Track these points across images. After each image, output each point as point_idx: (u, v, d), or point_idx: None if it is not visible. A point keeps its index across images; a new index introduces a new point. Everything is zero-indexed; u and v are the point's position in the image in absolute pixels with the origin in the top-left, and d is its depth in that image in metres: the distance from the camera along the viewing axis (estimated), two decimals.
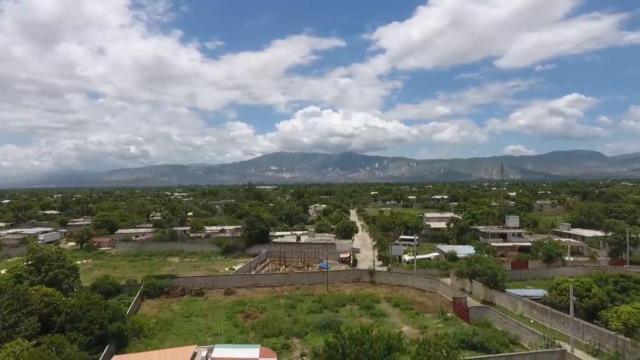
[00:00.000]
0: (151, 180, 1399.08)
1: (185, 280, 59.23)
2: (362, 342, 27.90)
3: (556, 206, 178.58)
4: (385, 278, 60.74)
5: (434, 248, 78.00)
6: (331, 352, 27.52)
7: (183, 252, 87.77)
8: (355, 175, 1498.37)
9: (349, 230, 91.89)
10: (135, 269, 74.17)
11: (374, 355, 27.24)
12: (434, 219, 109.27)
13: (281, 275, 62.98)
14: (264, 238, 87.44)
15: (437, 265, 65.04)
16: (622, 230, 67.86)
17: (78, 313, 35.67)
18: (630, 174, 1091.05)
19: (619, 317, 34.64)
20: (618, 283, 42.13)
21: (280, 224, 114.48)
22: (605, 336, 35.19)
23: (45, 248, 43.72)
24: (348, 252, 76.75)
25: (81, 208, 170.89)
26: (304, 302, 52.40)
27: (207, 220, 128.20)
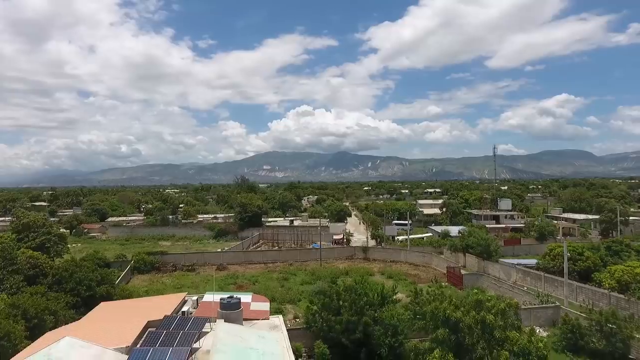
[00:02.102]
0: (143, 179, 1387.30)
1: (176, 257, 58.46)
2: (357, 290, 27.57)
3: (547, 197, 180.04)
4: (378, 254, 60.49)
5: (428, 228, 77.98)
6: (326, 300, 27.12)
7: (174, 236, 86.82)
8: (348, 174, 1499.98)
9: (342, 214, 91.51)
10: (126, 250, 73.14)
11: (369, 302, 26.90)
12: (426, 205, 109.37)
13: (274, 252, 62.47)
14: (257, 222, 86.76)
15: (431, 243, 64.95)
16: (612, 209, 68.33)
17: (64, 275, 34.81)
18: (618, 173, 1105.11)
19: (613, 275, 34.69)
20: (610, 248, 42.29)
21: (273, 212, 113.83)
22: (599, 295, 35.23)
23: (31, 215, 42.67)
24: (341, 233, 76.37)
25: (71, 200, 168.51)
26: (297, 275, 52.03)
27: (199, 209, 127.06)
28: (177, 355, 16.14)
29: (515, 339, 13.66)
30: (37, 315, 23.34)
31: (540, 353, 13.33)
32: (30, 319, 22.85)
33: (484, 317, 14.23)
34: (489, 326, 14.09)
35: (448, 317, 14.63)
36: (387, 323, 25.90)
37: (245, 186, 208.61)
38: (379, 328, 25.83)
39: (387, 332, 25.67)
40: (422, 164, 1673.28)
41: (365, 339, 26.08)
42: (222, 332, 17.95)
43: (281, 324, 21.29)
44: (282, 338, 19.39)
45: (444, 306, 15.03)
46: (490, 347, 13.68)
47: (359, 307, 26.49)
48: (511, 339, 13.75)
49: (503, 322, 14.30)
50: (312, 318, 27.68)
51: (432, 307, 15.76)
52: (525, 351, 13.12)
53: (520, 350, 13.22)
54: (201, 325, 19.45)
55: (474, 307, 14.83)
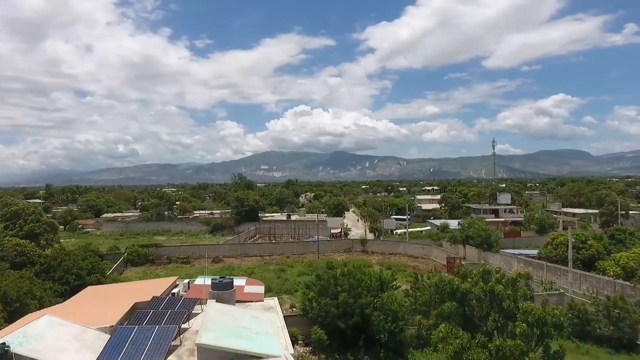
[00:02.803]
0: (140, 179, 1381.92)
1: (171, 249, 57.31)
2: (354, 275, 26.60)
3: (546, 194, 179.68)
4: (377, 247, 59.53)
5: (427, 222, 77.07)
6: (323, 284, 26.12)
7: (170, 231, 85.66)
8: (346, 174, 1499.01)
9: (340, 208, 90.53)
10: (120, 244, 71.89)
11: (368, 287, 25.92)
12: (425, 201, 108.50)
13: (271, 245, 61.44)
14: (254, 216, 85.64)
15: (430, 236, 64.01)
16: (613, 202, 67.58)
17: (53, 263, 33.70)
18: (615, 173, 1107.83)
19: (618, 262, 33.81)
20: (614, 236, 41.43)
21: (270, 208, 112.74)
22: (603, 283, 34.35)
23: (20, 203, 41.45)
24: (339, 227, 75.40)
25: (66, 197, 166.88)
26: (294, 267, 51.00)
27: (195, 205, 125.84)
28: (164, 333, 15.09)
29: (530, 309, 12.71)
30: (19, 299, 22.20)
31: (558, 321, 12.40)
32: (11, 303, 21.73)
33: (492, 287, 13.25)
34: (499, 297, 13.12)
35: (455, 289, 13.65)
36: (387, 308, 24.95)
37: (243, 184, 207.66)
38: (379, 313, 24.87)
39: (387, 317, 24.71)
40: (420, 164, 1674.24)
41: (364, 324, 25.12)
42: (212, 311, 16.90)
43: (276, 306, 20.26)
44: (277, 319, 18.36)
45: (449, 278, 14.04)
46: (502, 319, 12.73)
47: (356, 292, 25.52)
48: (525, 309, 12.78)
49: (514, 292, 13.36)
50: (308, 304, 26.68)
51: (437, 279, 14.77)
52: (541, 321, 12.18)
53: (536, 321, 12.26)
54: (191, 306, 18.42)
55: (483, 277, 13.87)
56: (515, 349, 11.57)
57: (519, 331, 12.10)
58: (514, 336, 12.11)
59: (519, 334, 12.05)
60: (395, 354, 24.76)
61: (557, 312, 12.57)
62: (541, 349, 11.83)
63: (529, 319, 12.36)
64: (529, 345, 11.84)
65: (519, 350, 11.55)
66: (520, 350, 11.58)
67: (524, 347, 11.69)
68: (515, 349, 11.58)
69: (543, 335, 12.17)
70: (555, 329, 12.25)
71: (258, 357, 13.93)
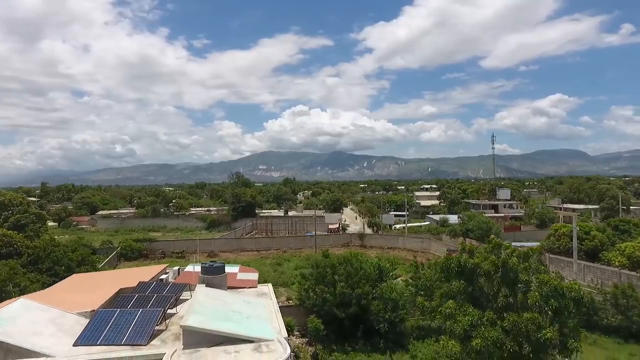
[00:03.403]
0: (138, 179, 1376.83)
1: (165, 244, 56.26)
2: (352, 263, 25.62)
3: (544, 192, 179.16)
4: (375, 241, 58.58)
5: (426, 217, 76.16)
6: (319, 272, 25.11)
7: (166, 227, 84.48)
8: (344, 174, 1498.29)
9: (338, 204, 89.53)
10: (114, 239, 70.69)
11: (366, 276, 24.94)
12: (423, 197, 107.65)
13: (267, 239, 60.41)
14: (250, 212, 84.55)
15: (429, 230, 63.11)
16: (614, 196, 66.82)
17: (41, 254, 32.54)
18: (612, 172, 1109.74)
19: (623, 252, 32.92)
20: (618, 227, 40.55)
21: (267, 205, 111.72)
22: (608, 273, 33.44)
23: (7, 194, 40.30)
24: (337, 223, 74.44)
25: (62, 195, 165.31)
26: (291, 261, 50.00)
27: (192, 202, 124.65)
28: (148, 316, 14.05)
29: (546, 280, 11.73)
30: None
31: (577, 295, 11.42)
32: None
33: (506, 260, 12.26)
34: (512, 269, 12.13)
35: (463, 266, 12.66)
36: (387, 297, 23.99)
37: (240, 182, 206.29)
38: (378, 303, 23.91)
39: (386, 306, 23.75)
40: (418, 164, 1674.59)
41: (363, 314, 24.14)
42: (201, 295, 15.86)
43: (270, 292, 19.23)
44: (271, 304, 17.33)
45: (456, 255, 13.07)
46: (514, 293, 11.75)
47: (354, 280, 24.54)
48: (540, 280, 11.81)
49: (528, 266, 12.40)
50: (305, 294, 25.66)
51: (443, 258, 13.76)
52: (558, 292, 11.21)
53: (552, 292, 11.28)
54: (179, 291, 17.37)
55: (493, 251, 12.90)
56: (532, 323, 10.58)
57: (532, 301, 11.09)
58: (527, 309, 11.12)
59: (532, 304, 11.05)
60: (396, 344, 23.79)
61: (575, 287, 11.60)
62: (557, 326, 10.84)
63: (545, 289, 11.38)
64: (544, 319, 10.85)
65: (536, 323, 10.57)
66: (538, 324, 10.60)
67: (541, 320, 10.71)
68: (531, 322, 10.59)
69: (560, 309, 11.19)
70: (574, 305, 11.29)
71: (249, 341, 12.92)
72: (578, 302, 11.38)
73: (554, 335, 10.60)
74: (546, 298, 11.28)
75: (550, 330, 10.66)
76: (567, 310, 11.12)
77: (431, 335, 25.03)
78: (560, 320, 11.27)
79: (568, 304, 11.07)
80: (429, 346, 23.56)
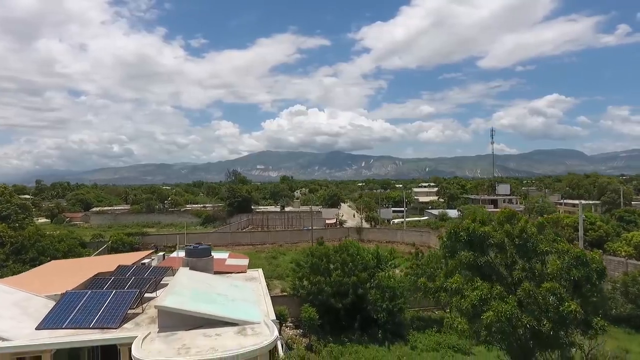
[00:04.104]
0: (135, 179, 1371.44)
1: (158, 238, 54.85)
2: (348, 250, 24.35)
3: (543, 189, 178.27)
4: (373, 235, 57.31)
5: (425, 212, 74.99)
6: (314, 261, 23.81)
7: (160, 223, 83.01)
8: (342, 173, 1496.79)
9: (336, 199, 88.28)
10: (106, 234, 69.24)
11: (363, 263, 23.67)
12: (422, 193, 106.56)
13: (263, 234, 59.11)
14: (246, 207, 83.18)
15: (428, 225, 61.91)
16: (616, 189, 65.77)
17: (25, 243, 31.19)
18: (609, 172, 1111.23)
19: (630, 242, 31.77)
20: (623, 217, 39.43)
21: (264, 202, 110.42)
22: (615, 263, 32.24)
23: None
24: (334, 218, 73.17)
25: (57, 193, 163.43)
26: (286, 255, 48.72)
27: (188, 199, 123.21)
28: (122, 298, 12.73)
29: (567, 248, 10.52)
30: None
31: (599, 266, 10.23)
32: None
33: (523, 228, 11.00)
34: (530, 239, 10.87)
35: (472, 234, 11.39)
36: (385, 285, 22.72)
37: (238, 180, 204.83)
38: (375, 291, 22.64)
39: (384, 295, 22.47)
40: (416, 164, 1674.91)
41: (360, 303, 22.86)
42: (183, 277, 14.56)
43: (260, 277, 17.96)
44: (260, 288, 16.05)
45: (466, 223, 11.80)
46: (531, 267, 10.50)
47: (350, 268, 23.24)
48: (559, 249, 10.58)
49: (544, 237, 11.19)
50: (299, 283, 24.35)
51: (452, 225, 12.49)
52: (581, 261, 9.99)
53: (573, 259, 10.05)
54: (161, 274, 16.08)
55: (508, 221, 11.66)
56: (552, 293, 9.33)
57: (552, 269, 9.83)
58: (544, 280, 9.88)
59: (552, 272, 9.81)
60: (394, 335, 22.52)
61: (596, 257, 10.39)
62: (579, 301, 9.61)
63: (566, 259, 10.14)
64: (565, 292, 9.61)
65: (557, 294, 9.32)
66: (559, 295, 9.35)
67: (562, 291, 9.47)
68: (551, 292, 9.33)
69: (582, 282, 9.98)
70: (597, 277, 10.08)
71: (232, 324, 11.63)
72: (601, 274, 10.19)
73: (577, 308, 9.39)
74: (567, 268, 10.05)
75: (573, 302, 9.43)
76: (590, 283, 9.95)
77: (432, 326, 23.82)
78: (582, 294, 10.07)
79: (591, 275, 9.88)
80: (429, 337, 22.30)
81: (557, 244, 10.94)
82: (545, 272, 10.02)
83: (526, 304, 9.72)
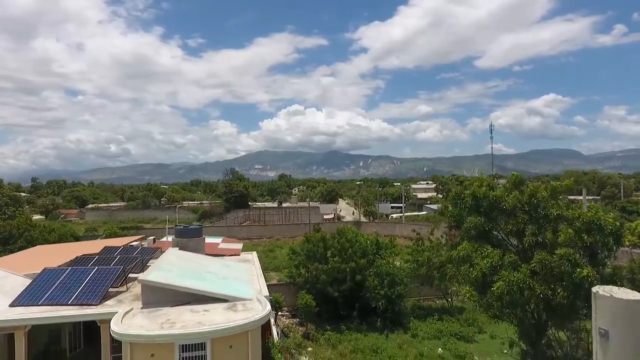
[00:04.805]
0: (133, 178, 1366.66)
1: (153, 232, 53.79)
2: (346, 236, 23.57)
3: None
4: (371, 229, 56.41)
5: (424, 207, 74.32)
6: (311, 247, 23.01)
7: (156, 219, 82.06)
8: (340, 173, 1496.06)
9: (333, 195, 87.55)
10: (100, 229, 68.32)
11: (362, 249, 22.90)
12: (420, 190, 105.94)
13: (260, 227, 58.34)
14: (243, 202, 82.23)
15: (427, 219, 61.22)
16: (616, 184, 65.24)
17: (14, 233, 30.33)
18: (606, 171, 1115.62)
19: (634, 231, 31.09)
20: (625, 208, 38.78)
21: (261, 198, 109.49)
22: (618, 253, 31.61)
23: None
24: (332, 212, 72.43)
25: (52, 191, 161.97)
26: (283, 248, 47.97)
27: (185, 195, 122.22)
28: (104, 274, 11.91)
29: (579, 214, 9.80)
30: None
31: (614, 228, 9.51)
32: None
33: (535, 191, 10.26)
34: (541, 204, 10.15)
35: (480, 198, 10.64)
36: (384, 272, 21.95)
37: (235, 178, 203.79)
38: (373, 278, 21.87)
39: (383, 281, 21.70)
40: (414, 163, 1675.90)
41: (358, 291, 22.07)
42: (171, 256, 13.74)
43: (254, 259, 17.17)
44: (253, 269, 15.25)
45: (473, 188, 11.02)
46: (542, 232, 9.77)
47: (349, 254, 22.46)
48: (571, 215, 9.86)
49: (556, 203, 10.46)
50: (295, 271, 23.54)
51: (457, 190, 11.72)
52: (595, 225, 9.27)
53: (586, 225, 9.34)
54: (149, 254, 15.26)
55: (516, 186, 10.91)
56: (566, 259, 8.59)
57: (564, 238, 9.12)
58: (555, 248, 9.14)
59: (564, 241, 9.09)
60: (394, 324, 21.75)
61: (609, 219, 9.67)
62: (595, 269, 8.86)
63: (578, 223, 9.44)
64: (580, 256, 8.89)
65: (571, 260, 8.59)
66: (574, 261, 8.62)
67: (578, 257, 8.73)
68: (566, 259, 8.60)
69: (597, 248, 9.25)
70: (614, 241, 9.35)
71: (222, 300, 10.82)
72: (618, 238, 9.47)
73: (592, 273, 8.66)
74: (580, 234, 9.32)
75: (587, 268, 8.69)
76: (606, 248, 9.22)
77: (433, 315, 23.08)
78: (597, 262, 9.33)
79: (607, 240, 9.16)
80: (430, 325, 21.55)
81: (571, 209, 10.21)
82: (558, 240, 9.28)
83: (541, 273, 8.97)
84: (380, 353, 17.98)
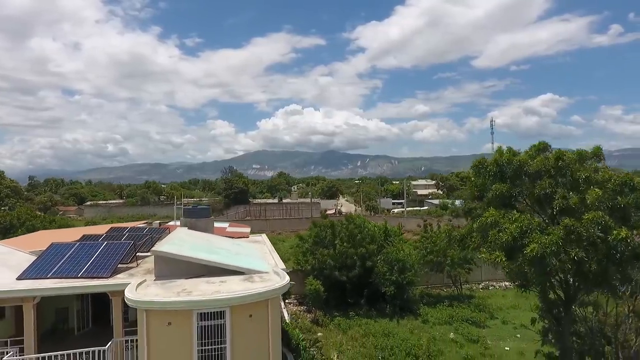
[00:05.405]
0: (130, 178, 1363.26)
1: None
2: (354, 221, 23.25)
3: None
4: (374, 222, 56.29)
5: (425, 202, 74.12)
6: (319, 233, 22.67)
7: (155, 215, 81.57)
8: (338, 172, 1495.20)
9: (334, 190, 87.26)
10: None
11: (371, 235, 22.59)
12: (420, 186, 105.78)
13: (261, 222, 58.04)
14: (243, 199, 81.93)
15: (429, 213, 61.02)
16: None
17: (15, 222, 29.88)
18: None
19: None
20: None
21: (261, 195, 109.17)
22: None
23: None
24: (333, 207, 72.15)
25: (50, 189, 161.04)
26: (285, 242, 47.63)
27: (184, 193, 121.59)
28: (114, 249, 11.52)
29: (609, 176, 9.46)
30: None
31: None
32: None
33: (560, 155, 9.91)
34: (571, 166, 9.80)
35: (503, 166, 10.30)
36: (393, 258, 21.62)
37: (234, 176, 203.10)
38: (383, 264, 21.55)
39: (392, 267, 21.38)
40: (411, 163, 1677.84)
41: (367, 277, 21.75)
42: (181, 233, 13.36)
43: (265, 240, 16.80)
44: (265, 248, 14.92)
45: (495, 155, 10.68)
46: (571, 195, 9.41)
47: (358, 239, 22.14)
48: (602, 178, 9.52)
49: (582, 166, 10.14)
50: (302, 257, 23.20)
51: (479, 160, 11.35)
52: (627, 185, 8.90)
53: (619, 186, 8.97)
54: (158, 233, 14.88)
55: (539, 153, 10.58)
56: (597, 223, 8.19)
57: (592, 199, 8.74)
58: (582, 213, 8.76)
59: (592, 201, 8.72)
60: (403, 310, 21.44)
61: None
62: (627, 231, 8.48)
63: (609, 185, 9.09)
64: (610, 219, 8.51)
65: (601, 223, 8.19)
66: (605, 224, 8.23)
67: (609, 220, 8.37)
68: (596, 222, 8.20)
69: (630, 209, 8.89)
70: None
71: (238, 272, 10.44)
72: None
73: (629, 234, 8.30)
74: (611, 196, 8.97)
75: (623, 229, 8.33)
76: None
77: (443, 301, 22.78)
78: (632, 225, 8.98)
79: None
80: (441, 311, 21.27)
81: (600, 173, 9.89)
82: (587, 201, 8.92)
83: (569, 239, 8.61)
84: (392, 337, 17.67)
